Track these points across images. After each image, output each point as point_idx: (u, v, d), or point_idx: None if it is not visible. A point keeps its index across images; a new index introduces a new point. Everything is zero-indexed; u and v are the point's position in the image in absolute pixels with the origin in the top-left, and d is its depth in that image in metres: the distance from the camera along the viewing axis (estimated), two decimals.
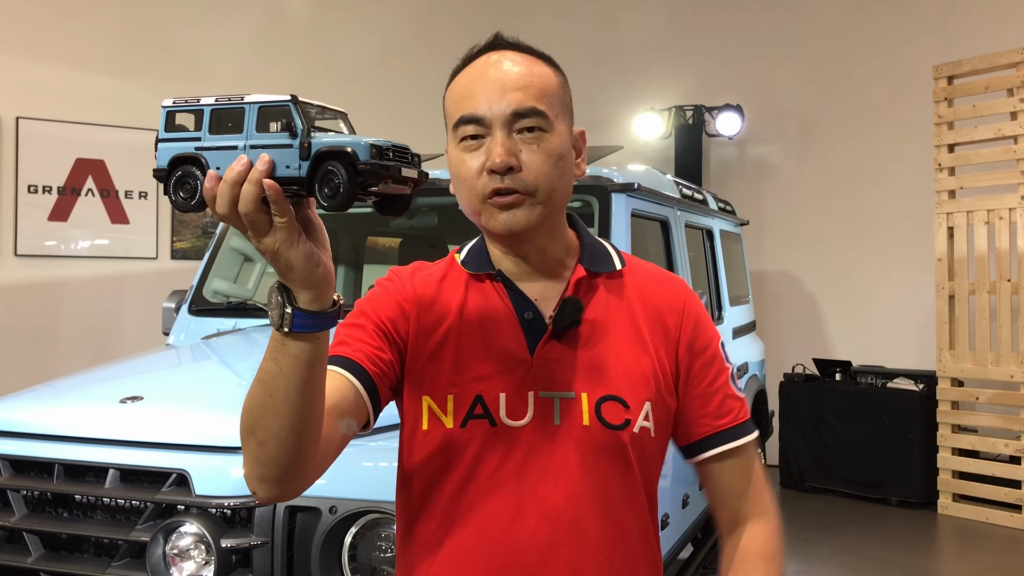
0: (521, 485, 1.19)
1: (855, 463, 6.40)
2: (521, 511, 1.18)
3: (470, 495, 1.19)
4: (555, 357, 1.22)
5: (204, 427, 2.19)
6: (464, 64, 1.26)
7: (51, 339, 5.60)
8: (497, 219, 1.19)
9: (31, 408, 2.42)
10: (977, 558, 5.30)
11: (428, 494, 1.22)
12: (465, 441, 1.19)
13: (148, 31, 5.98)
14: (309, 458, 1.05)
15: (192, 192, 1.00)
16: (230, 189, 0.93)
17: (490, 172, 1.17)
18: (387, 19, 6.98)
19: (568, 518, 1.19)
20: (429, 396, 1.21)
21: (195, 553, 2.01)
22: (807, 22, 7.54)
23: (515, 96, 1.18)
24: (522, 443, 1.19)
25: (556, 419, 1.20)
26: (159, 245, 6.02)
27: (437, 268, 1.31)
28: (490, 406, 1.19)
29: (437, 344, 1.22)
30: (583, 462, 1.19)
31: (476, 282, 1.26)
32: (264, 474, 1.04)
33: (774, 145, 7.78)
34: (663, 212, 3.56)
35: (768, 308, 7.45)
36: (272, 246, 0.95)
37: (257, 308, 3.22)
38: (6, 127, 5.48)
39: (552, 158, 1.19)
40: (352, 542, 2.02)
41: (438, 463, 1.21)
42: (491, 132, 1.18)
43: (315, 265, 0.97)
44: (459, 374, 1.21)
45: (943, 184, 6.09)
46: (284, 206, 0.94)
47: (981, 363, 5.88)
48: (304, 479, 1.07)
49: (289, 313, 0.98)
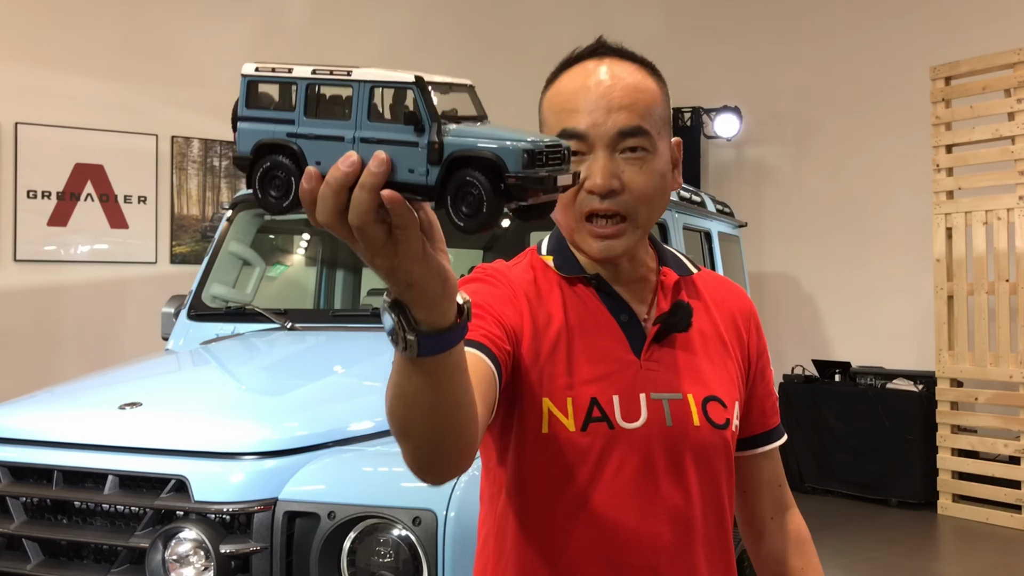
0: (643, 487, 1.18)
1: (855, 464, 6.40)
2: (645, 514, 1.18)
3: (595, 499, 1.17)
4: (658, 359, 1.23)
5: (203, 433, 2.19)
6: (563, 68, 1.24)
7: (50, 344, 5.60)
8: (593, 246, 1.19)
9: (30, 415, 2.42)
10: (977, 559, 5.31)
11: (547, 500, 1.18)
12: (587, 445, 1.18)
13: (147, 36, 5.98)
14: (470, 445, 0.97)
15: (286, 190, 0.78)
16: (334, 195, 0.73)
17: (589, 192, 1.16)
18: (385, 23, 6.99)
19: (688, 518, 1.21)
20: (549, 398, 1.18)
21: (194, 559, 2.01)
22: (805, 23, 7.55)
23: (621, 116, 1.17)
24: (639, 445, 1.19)
25: (668, 420, 1.20)
26: (158, 250, 6.02)
27: (523, 267, 1.28)
28: (605, 408, 1.18)
29: (552, 344, 1.19)
30: (697, 462, 1.22)
31: (569, 285, 1.25)
32: (427, 467, 0.97)
33: (772, 147, 7.78)
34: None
35: (767, 310, 7.45)
36: (390, 261, 0.75)
37: (256, 313, 3.22)
38: (5, 132, 5.48)
39: (655, 180, 1.20)
40: (351, 547, 2.02)
41: (560, 467, 1.18)
42: (593, 150, 1.17)
43: (443, 280, 0.78)
44: (573, 376, 1.19)
45: (941, 185, 6.10)
46: (408, 217, 0.73)
47: (980, 363, 5.88)
48: (467, 462, 0.98)
49: (413, 340, 0.80)
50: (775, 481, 1.41)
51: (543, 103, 1.25)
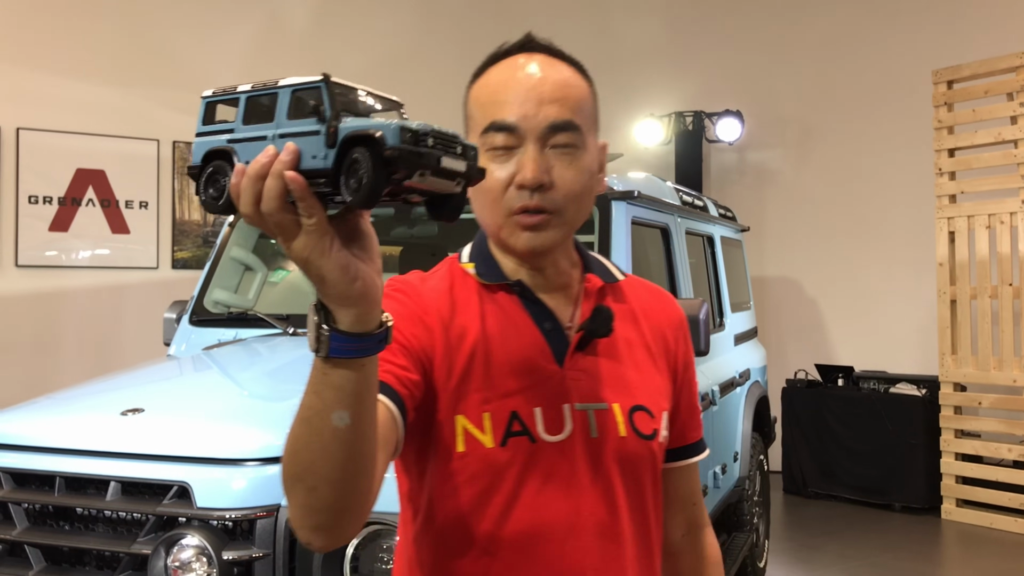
0: (568, 503, 1.14)
1: (858, 469, 6.39)
2: (572, 530, 1.14)
3: (516, 517, 1.12)
4: (583, 368, 1.18)
5: (205, 439, 2.18)
6: (492, 62, 1.21)
7: (52, 349, 5.59)
8: (520, 237, 1.15)
9: (32, 421, 2.42)
10: (981, 564, 5.29)
11: (467, 521, 1.13)
12: (507, 460, 1.12)
13: (148, 41, 5.98)
14: (367, 496, 0.95)
15: (221, 190, 0.86)
16: (252, 184, 0.80)
17: (519, 187, 1.13)
18: (387, 27, 6.99)
19: (616, 533, 1.17)
20: (464, 415, 1.12)
21: (197, 566, 2.01)
22: (807, 27, 7.55)
23: (552, 109, 1.14)
24: (564, 459, 1.14)
25: (593, 431, 1.16)
26: (160, 255, 6.02)
27: (441, 277, 1.23)
28: (527, 421, 1.13)
29: (466, 360, 1.14)
30: (623, 474, 1.17)
31: (489, 292, 1.20)
32: (319, 522, 0.93)
33: (774, 151, 7.78)
34: (664, 219, 3.55)
35: (770, 314, 7.45)
36: (301, 252, 0.82)
37: (258, 318, 3.21)
38: (6, 138, 5.48)
39: (584, 176, 1.16)
40: (354, 554, 2.01)
41: (479, 486, 1.12)
42: (523, 144, 1.14)
43: (351, 279, 0.83)
44: (491, 390, 1.13)
45: (944, 189, 6.09)
46: (312, 204, 0.80)
47: (983, 368, 5.87)
48: (361, 518, 0.96)
49: (326, 335, 0.85)
50: (690, 499, 1.35)
51: (468, 98, 1.21)
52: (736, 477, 4.13)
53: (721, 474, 3.79)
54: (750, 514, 4.39)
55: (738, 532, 4.29)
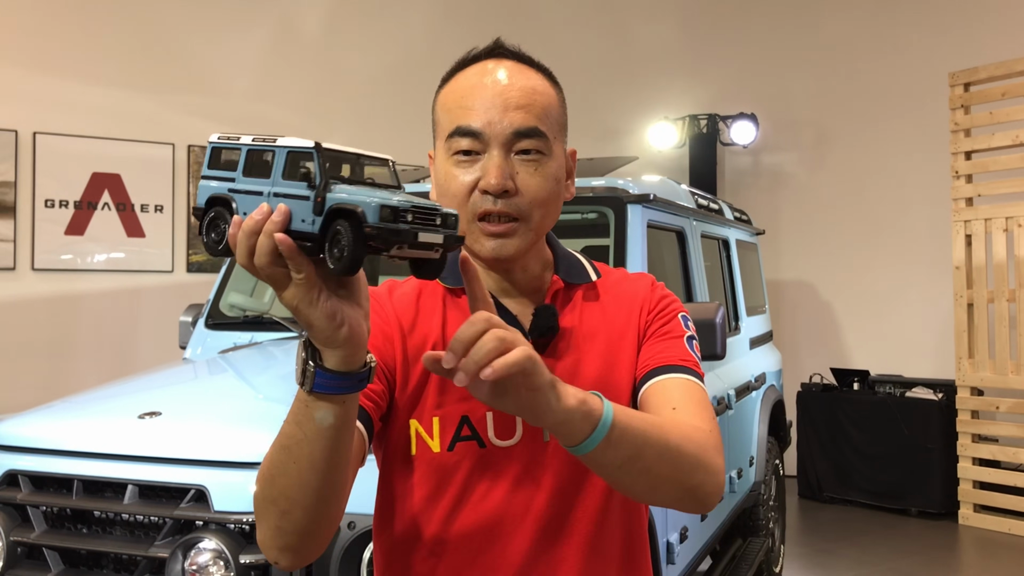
0: (514, 506, 1.15)
1: (874, 473, 6.35)
2: (516, 533, 1.15)
3: (462, 520, 1.15)
4: None
5: (222, 443, 2.19)
6: (460, 67, 1.22)
7: (68, 353, 5.62)
8: (485, 245, 1.15)
9: (50, 424, 2.43)
10: (999, 570, 5.25)
11: (416, 523, 1.17)
12: (454, 464, 1.15)
13: (163, 46, 6.01)
14: (335, 519, 1.01)
15: (221, 235, 0.93)
16: (247, 239, 0.86)
17: (483, 192, 1.13)
18: (399, 33, 7.01)
19: (556, 529, 1.17)
20: (416, 420, 1.16)
21: (214, 569, 2.01)
22: (821, 30, 7.52)
23: (517, 115, 1.14)
24: (513, 463, 1.16)
25: (545, 435, 1.17)
26: (175, 258, 6.04)
27: (412, 285, 1.25)
28: (477, 426, 1.15)
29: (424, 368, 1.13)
30: (574, 477, 1.17)
31: (453, 297, 1.22)
32: (287, 543, 1.00)
33: (789, 153, 7.75)
34: (679, 223, 3.54)
35: (785, 318, 7.42)
36: (291, 301, 0.87)
37: (273, 322, 3.22)
38: (23, 142, 5.51)
39: (549, 183, 1.17)
40: (371, 558, 2.01)
41: (427, 489, 1.16)
42: (487, 150, 1.14)
43: (337, 325, 0.88)
44: (444, 395, 1.16)
45: (960, 192, 6.06)
46: (300, 261, 0.85)
47: (1001, 372, 5.83)
48: (326, 539, 1.03)
49: (311, 371, 0.91)
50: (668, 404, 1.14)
51: (436, 103, 1.22)
52: (752, 482, 4.12)
53: (737, 479, 3.77)
54: (766, 519, 4.37)
55: (754, 537, 4.27)
